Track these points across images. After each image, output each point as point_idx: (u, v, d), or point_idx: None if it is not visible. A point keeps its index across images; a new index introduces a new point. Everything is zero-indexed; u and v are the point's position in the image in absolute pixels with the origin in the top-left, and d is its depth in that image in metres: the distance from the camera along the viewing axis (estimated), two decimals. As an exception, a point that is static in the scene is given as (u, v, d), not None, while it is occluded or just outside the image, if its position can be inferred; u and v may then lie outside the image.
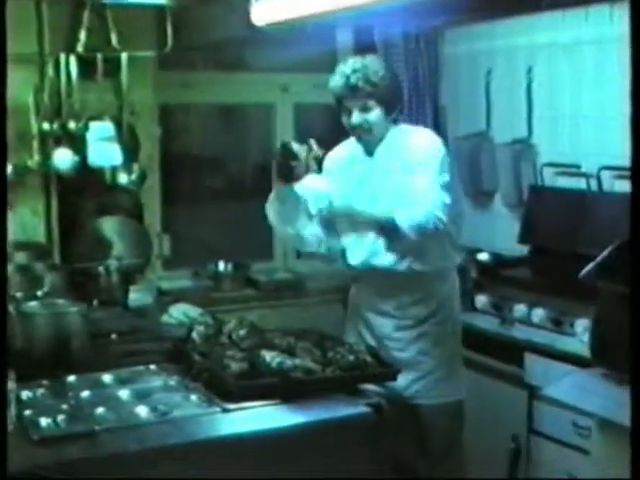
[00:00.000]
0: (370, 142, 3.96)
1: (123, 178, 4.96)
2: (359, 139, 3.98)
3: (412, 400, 3.92)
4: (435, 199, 3.70)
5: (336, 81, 3.90)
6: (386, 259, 3.91)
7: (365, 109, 3.86)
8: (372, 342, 3.95)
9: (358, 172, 4.00)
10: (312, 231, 3.93)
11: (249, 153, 6.12)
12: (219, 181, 5.82)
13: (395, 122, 4.00)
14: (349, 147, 4.10)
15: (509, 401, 4.24)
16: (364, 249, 3.96)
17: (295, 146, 3.60)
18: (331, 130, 4.22)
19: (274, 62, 5.57)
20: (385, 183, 3.89)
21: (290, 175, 3.65)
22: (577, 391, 3.35)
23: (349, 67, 3.88)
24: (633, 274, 2.23)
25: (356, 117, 3.87)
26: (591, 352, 3.48)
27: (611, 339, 3.37)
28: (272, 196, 3.79)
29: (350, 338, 3.96)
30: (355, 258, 4.01)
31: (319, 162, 3.73)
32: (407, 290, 3.95)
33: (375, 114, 3.88)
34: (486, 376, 4.51)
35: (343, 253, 4.08)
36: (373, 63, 3.93)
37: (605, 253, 3.48)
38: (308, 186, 3.78)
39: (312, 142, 3.64)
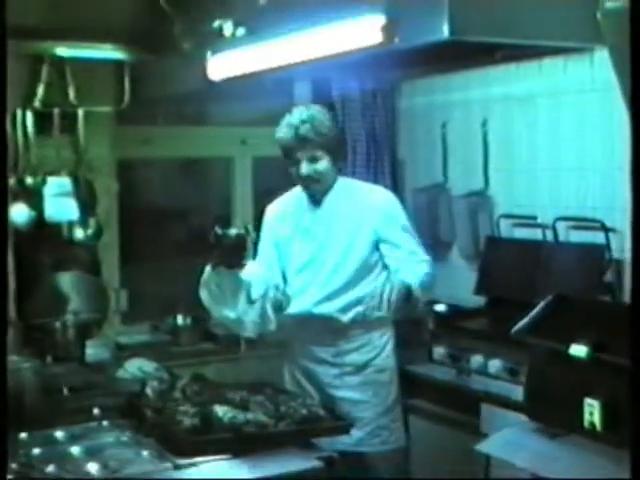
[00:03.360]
0: (318, 192, 3.98)
1: (80, 233, 4.96)
2: (307, 189, 4.00)
3: (354, 448, 3.89)
4: (428, 260, 3.95)
5: (284, 133, 3.90)
6: (332, 307, 3.92)
7: (314, 159, 3.88)
8: (312, 391, 3.94)
9: (304, 221, 4.01)
10: (252, 317, 3.88)
11: (208, 207, 6.13)
12: (178, 235, 5.81)
13: (340, 171, 4.04)
14: (291, 199, 4.12)
15: (466, 451, 4.22)
16: (316, 294, 3.96)
17: (237, 232, 3.58)
18: (290, 183, 4.22)
19: (233, 116, 5.61)
20: (334, 231, 3.93)
21: (238, 262, 3.64)
22: (509, 446, 3.35)
23: (296, 118, 3.90)
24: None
25: (305, 168, 3.88)
26: (524, 407, 3.49)
27: (542, 394, 3.37)
28: (208, 279, 3.72)
29: (290, 387, 3.97)
30: (303, 304, 3.99)
31: (255, 245, 3.79)
32: (345, 338, 3.96)
33: (324, 164, 3.90)
34: (443, 426, 4.49)
35: (287, 302, 4.05)
36: (319, 113, 3.96)
37: (537, 309, 3.49)
38: (251, 272, 3.76)
39: (249, 227, 3.65)
